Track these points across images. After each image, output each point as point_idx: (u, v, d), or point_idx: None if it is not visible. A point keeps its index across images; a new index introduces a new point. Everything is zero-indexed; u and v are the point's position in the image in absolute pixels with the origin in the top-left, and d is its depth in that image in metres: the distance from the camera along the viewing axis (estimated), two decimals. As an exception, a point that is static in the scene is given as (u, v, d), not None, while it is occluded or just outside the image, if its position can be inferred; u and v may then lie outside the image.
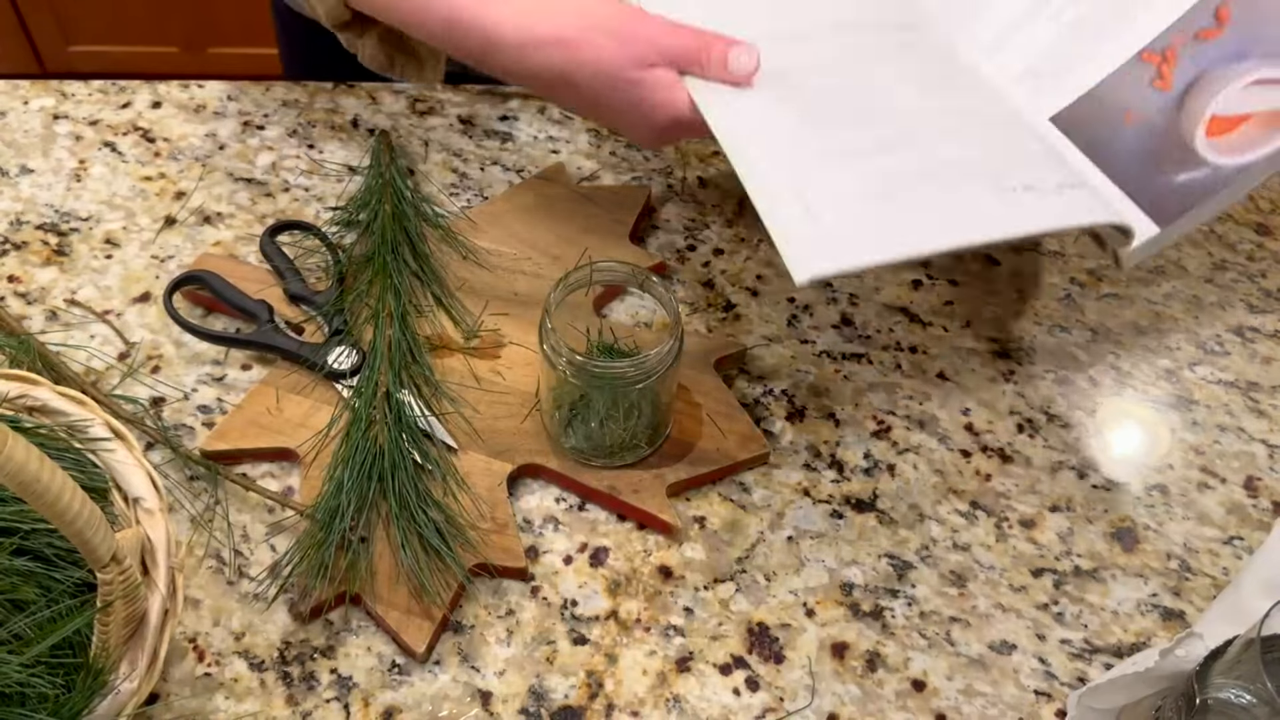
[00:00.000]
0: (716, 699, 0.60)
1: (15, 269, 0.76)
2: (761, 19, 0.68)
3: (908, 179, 0.60)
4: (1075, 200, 0.62)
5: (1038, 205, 0.61)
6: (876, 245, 0.57)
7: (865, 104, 0.64)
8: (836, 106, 0.64)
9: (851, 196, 0.59)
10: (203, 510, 0.65)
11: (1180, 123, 0.65)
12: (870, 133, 0.63)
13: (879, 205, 0.59)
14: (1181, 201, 0.64)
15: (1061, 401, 0.73)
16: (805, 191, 0.59)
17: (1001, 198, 0.61)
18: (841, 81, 0.66)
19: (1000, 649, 0.62)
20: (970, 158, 0.63)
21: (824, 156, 0.61)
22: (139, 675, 0.51)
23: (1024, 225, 0.61)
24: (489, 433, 0.67)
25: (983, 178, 0.61)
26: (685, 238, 0.80)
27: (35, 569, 0.52)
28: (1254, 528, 0.67)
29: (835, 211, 0.58)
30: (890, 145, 0.62)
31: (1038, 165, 0.63)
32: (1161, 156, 0.65)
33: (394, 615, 0.60)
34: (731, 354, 0.72)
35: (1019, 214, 0.60)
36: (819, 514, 0.67)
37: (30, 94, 0.87)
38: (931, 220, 0.59)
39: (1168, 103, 0.65)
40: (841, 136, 0.62)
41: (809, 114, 0.63)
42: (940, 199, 0.60)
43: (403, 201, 0.78)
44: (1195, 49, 0.65)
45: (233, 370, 0.71)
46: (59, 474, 0.43)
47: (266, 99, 0.88)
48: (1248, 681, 0.48)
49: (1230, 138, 0.64)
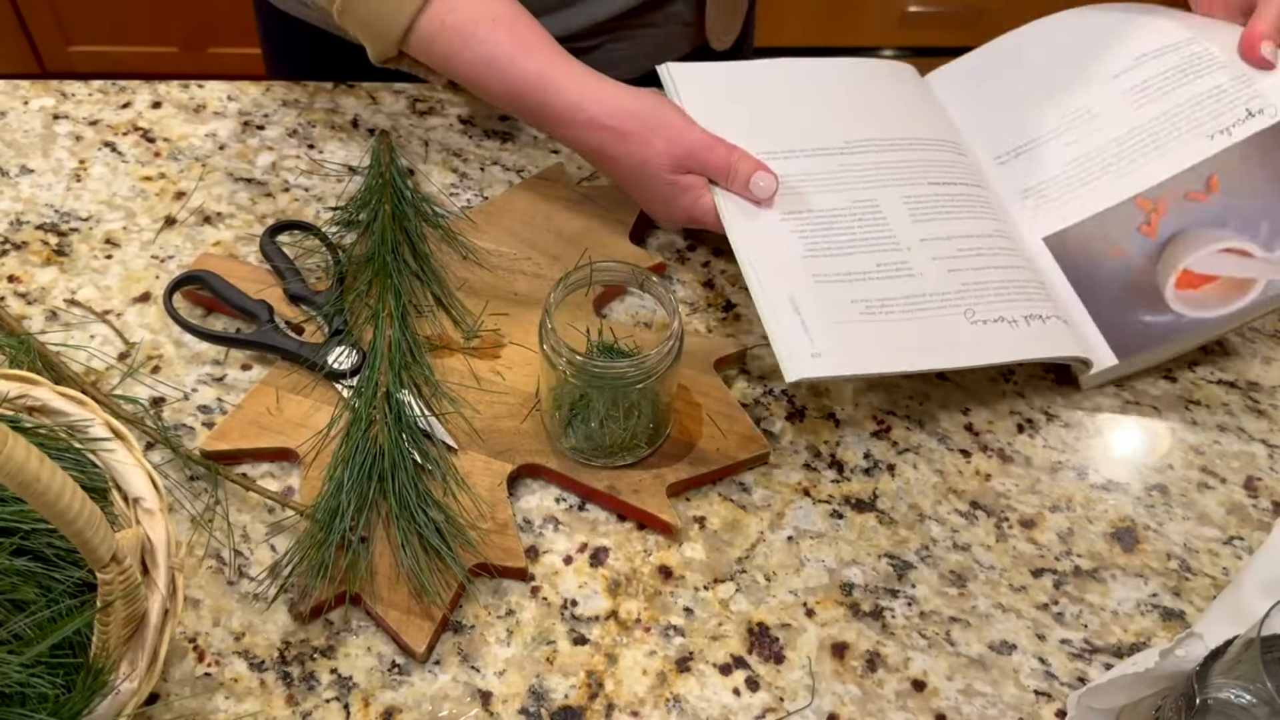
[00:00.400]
0: (716, 699, 0.60)
1: (15, 269, 0.76)
2: (788, 131, 0.76)
3: (892, 305, 0.69)
4: (1039, 334, 0.69)
5: (1005, 337, 0.69)
6: (856, 362, 0.66)
7: (866, 230, 0.72)
8: (840, 231, 0.72)
9: (838, 318, 0.68)
10: (203, 510, 0.65)
11: (1156, 269, 0.71)
12: (867, 259, 0.71)
13: (862, 328, 0.68)
14: (1143, 339, 0.71)
15: (1061, 401, 0.73)
16: (801, 307, 0.67)
17: (973, 329, 0.69)
18: (850, 203, 0.74)
19: (1000, 649, 0.62)
20: (949, 290, 0.70)
21: (821, 279, 0.69)
22: (139, 675, 0.51)
23: (990, 356, 0.68)
24: (489, 433, 0.67)
25: (959, 309, 0.69)
26: (685, 238, 0.80)
27: (35, 569, 0.52)
28: (1254, 528, 0.67)
29: (823, 329, 0.67)
30: (883, 270, 0.70)
31: (1011, 297, 0.70)
32: (1134, 295, 0.72)
33: (394, 615, 0.60)
34: (731, 354, 0.72)
35: (986, 346, 0.68)
36: (819, 514, 0.67)
37: (30, 94, 0.87)
38: (907, 345, 0.68)
39: (1150, 248, 0.72)
40: (839, 261, 0.70)
41: (812, 238, 0.71)
42: (918, 327, 0.68)
43: (403, 201, 0.77)
44: (1183, 207, 0.72)
45: (233, 370, 0.72)
46: (59, 474, 0.43)
47: (266, 99, 0.88)
48: (1248, 681, 0.48)
49: (1196, 293, 0.71)
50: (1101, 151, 0.76)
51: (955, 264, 0.71)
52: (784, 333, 0.66)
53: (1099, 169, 0.75)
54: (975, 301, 0.70)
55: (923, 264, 0.71)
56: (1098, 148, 0.76)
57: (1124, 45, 0.79)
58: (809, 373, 0.65)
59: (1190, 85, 0.75)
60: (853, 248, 0.71)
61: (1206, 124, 0.73)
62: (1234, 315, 0.70)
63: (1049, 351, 0.69)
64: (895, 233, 0.72)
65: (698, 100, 0.77)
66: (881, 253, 0.71)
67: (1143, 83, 0.77)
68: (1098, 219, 0.74)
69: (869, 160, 0.76)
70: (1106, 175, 0.75)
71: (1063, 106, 0.78)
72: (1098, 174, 0.75)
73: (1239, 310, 0.70)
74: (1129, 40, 0.79)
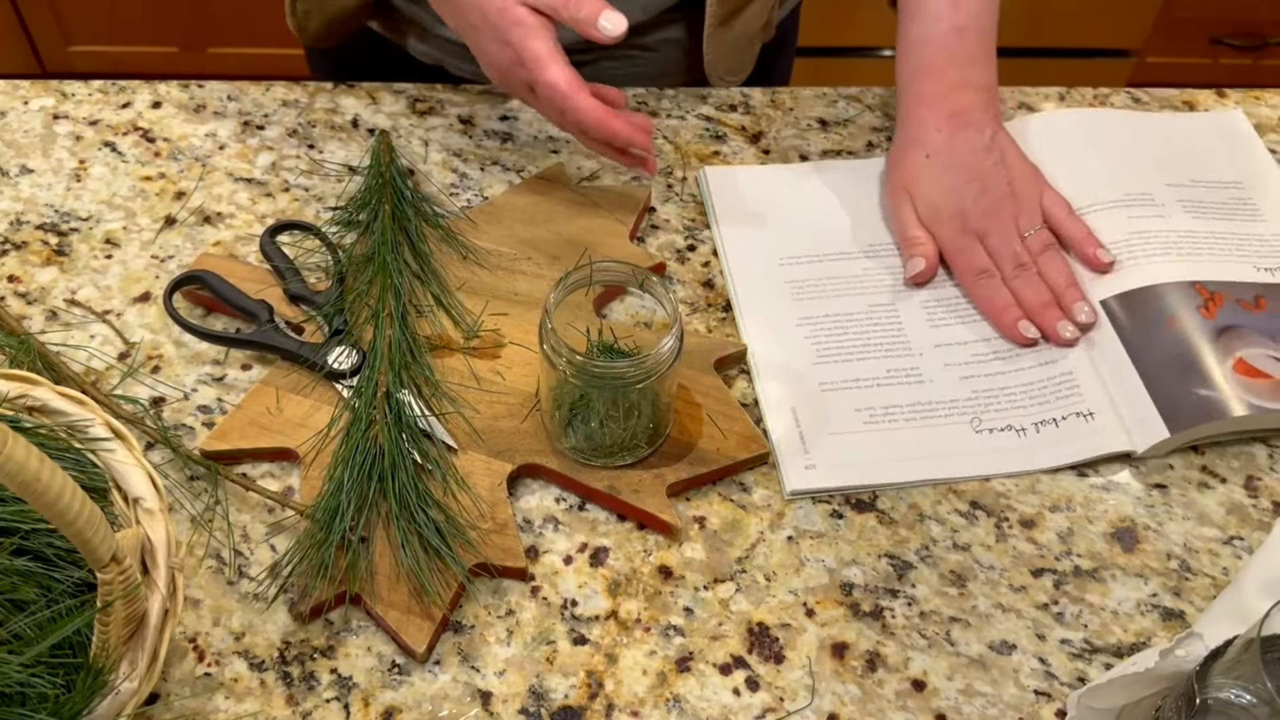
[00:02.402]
0: (716, 699, 0.60)
1: (15, 269, 0.76)
2: (814, 236, 0.80)
3: (896, 413, 0.70)
4: (1050, 440, 0.69)
5: (1010, 447, 0.69)
6: (850, 474, 0.67)
7: (880, 335, 0.74)
8: (853, 335, 0.74)
9: (838, 429, 0.69)
10: (203, 510, 0.65)
11: (1214, 349, 0.71)
12: (878, 364, 0.73)
13: (862, 439, 0.69)
14: (1196, 414, 0.69)
15: (1061, 401, 0.73)
16: (801, 418, 0.70)
17: (979, 440, 0.69)
18: (867, 307, 0.76)
19: (1000, 649, 0.62)
20: (959, 397, 0.71)
21: (827, 387, 0.71)
22: (139, 675, 0.51)
23: (994, 466, 0.68)
24: (489, 433, 0.67)
25: (966, 417, 0.70)
26: (685, 238, 0.80)
27: (35, 569, 0.52)
28: (1254, 528, 0.67)
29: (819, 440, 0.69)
30: (893, 376, 0.72)
31: (1022, 404, 0.71)
32: (1190, 368, 0.70)
33: (394, 615, 0.60)
34: (731, 354, 0.72)
35: (991, 455, 0.69)
36: (819, 514, 0.67)
37: (30, 94, 0.87)
38: (909, 454, 0.68)
39: (1208, 329, 0.72)
40: (848, 368, 0.72)
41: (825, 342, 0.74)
42: (921, 435, 0.69)
43: (403, 201, 0.78)
44: (1236, 309, 0.73)
45: (233, 370, 0.72)
46: (59, 474, 0.43)
47: (266, 99, 0.88)
48: (1248, 681, 0.48)
49: (1253, 382, 0.70)
50: (1164, 234, 0.78)
51: (967, 370, 0.72)
52: (782, 444, 0.69)
53: (1160, 248, 0.77)
54: (983, 409, 0.70)
55: (934, 370, 0.72)
56: (1160, 230, 0.78)
57: (1182, 162, 0.83)
58: (802, 484, 0.67)
59: (1239, 223, 0.79)
60: (865, 352, 0.73)
61: (1253, 258, 0.77)
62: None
63: (1054, 461, 0.68)
64: (910, 338, 0.74)
65: (726, 201, 0.81)
66: (893, 358, 0.73)
67: (1198, 201, 0.80)
68: (1160, 289, 0.74)
69: (891, 264, 0.78)
70: (1168, 257, 0.76)
71: (1123, 186, 0.81)
72: (1159, 252, 0.76)
73: None
74: (1186, 160, 0.83)
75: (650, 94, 0.89)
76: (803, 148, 0.86)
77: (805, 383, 0.72)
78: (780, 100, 0.89)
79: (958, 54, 0.78)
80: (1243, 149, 0.85)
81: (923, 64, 0.79)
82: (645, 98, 0.89)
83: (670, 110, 0.88)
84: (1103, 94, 0.91)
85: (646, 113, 0.88)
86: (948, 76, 0.78)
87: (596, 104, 0.70)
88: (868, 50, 1.93)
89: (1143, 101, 0.90)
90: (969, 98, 0.77)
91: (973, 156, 0.76)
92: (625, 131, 0.71)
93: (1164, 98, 0.91)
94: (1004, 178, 0.76)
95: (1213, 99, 0.91)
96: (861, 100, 0.90)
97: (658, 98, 0.89)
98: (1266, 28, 1.97)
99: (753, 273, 0.77)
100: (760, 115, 0.88)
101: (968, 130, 0.77)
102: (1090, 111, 0.87)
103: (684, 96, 0.89)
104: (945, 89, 0.78)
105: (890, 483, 0.67)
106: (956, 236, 0.76)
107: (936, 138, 0.77)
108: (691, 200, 0.82)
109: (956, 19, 0.78)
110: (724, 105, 0.89)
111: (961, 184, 0.76)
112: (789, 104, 0.89)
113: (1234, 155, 0.84)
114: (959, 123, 0.77)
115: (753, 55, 0.94)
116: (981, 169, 0.76)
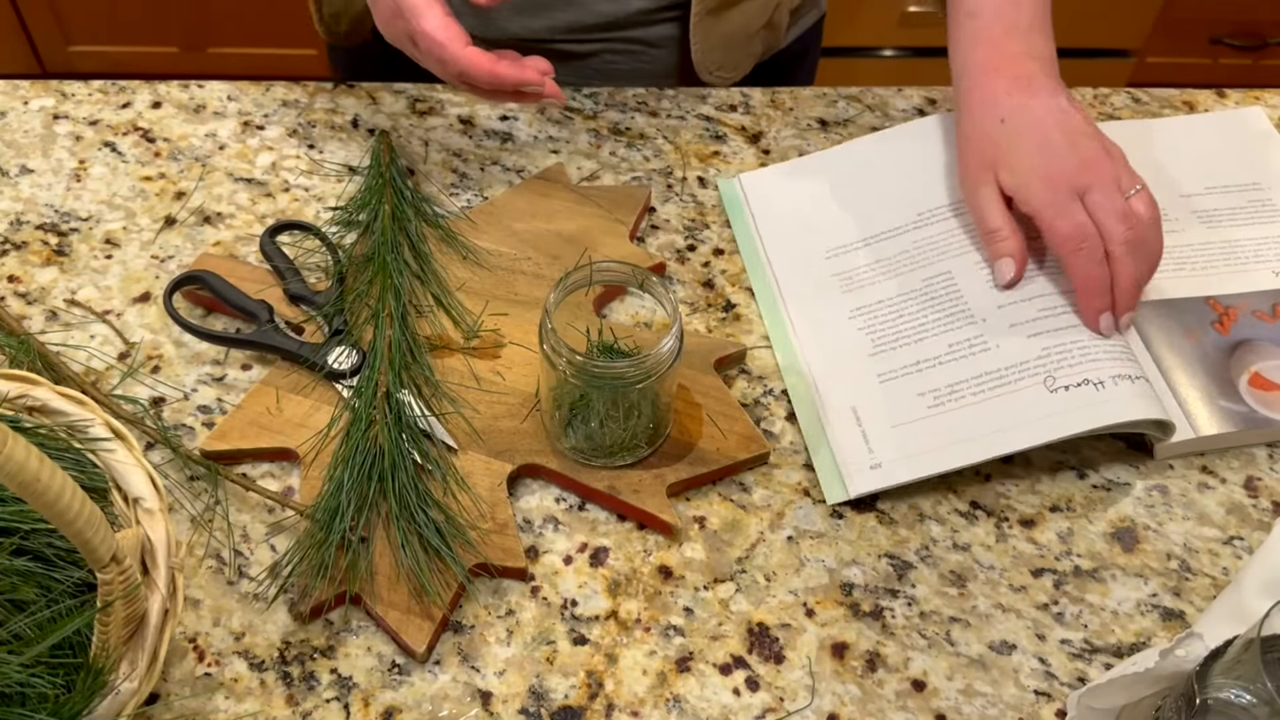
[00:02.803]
0: (716, 699, 0.60)
1: (15, 269, 0.76)
2: (855, 221, 0.77)
3: (963, 390, 0.67)
4: (1129, 395, 0.65)
5: (1090, 402, 0.65)
6: (919, 465, 0.65)
7: (939, 309, 0.71)
8: (910, 317, 0.71)
9: (902, 419, 0.67)
10: (203, 510, 0.65)
11: (1230, 363, 0.71)
12: (938, 341, 0.70)
13: (928, 424, 0.66)
14: (1220, 422, 0.69)
15: (1061, 401, 0.72)
16: (863, 416, 0.68)
17: (1054, 400, 0.65)
18: (921, 282, 0.73)
19: (1000, 649, 0.62)
20: (1029, 358, 0.67)
21: (886, 377, 0.69)
22: (139, 675, 0.51)
23: (1074, 426, 0.65)
24: (489, 433, 0.67)
25: (1038, 378, 0.66)
26: (685, 238, 0.80)
27: (35, 569, 0.52)
28: (1254, 528, 0.67)
29: (883, 434, 0.66)
30: (955, 351, 0.69)
31: (1097, 357, 0.67)
32: (1210, 379, 0.70)
33: (394, 615, 0.60)
34: (731, 354, 0.72)
35: (1070, 415, 0.65)
36: (819, 514, 0.67)
37: (30, 94, 0.87)
38: (980, 431, 0.65)
39: (1223, 343, 0.72)
40: (907, 352, 0.70)
41: (880, 331, 0.71)
42: (992, 408, 0.66)
43: (403, 201, 0.78)
44: (1252, 321, 0.73)
45: (233, 370, 0.72)
46: (59, 474, 0.43)
47: (266, 99, 0.88)
48: (1248, 681, 0.48)
49: (1269, 395, 0.70)
50: (1178, 249, 0.77)
51: (1036, 326, 0.69)
52: (843, 446, 0.66)
53: (1173, 264, 0.76)
54: (1056, 366, 0.67)
55: (999, 334, 0.69)
56: (1173, 246, 0.77)
57: (1195, 169, 0.82)
58: (869, 486, 0.65)
59: (1257, 227, 0.78)
60: (923, 332, 0.71)
61: (1271, 263, 0.76)
62: None
63: (1140, 413, 0.65)
64: (970, 304, 0.71)
65: (764, 207, 0.80)
66: (954, 331, 0.70)
67: (1212, 209, 0.80)
68: (1170, 305, 0.74)
69: (942, 229, 0.75)
70: (1181, 272, 0.76)
71: None
72: (1172, 268, 0.76)
73: None
74: (1199, 166, 0.82)
75: (650, 94, 0.89)
76: (802, 148, 0.86)
77: (864, 379, 0.69)
78: (780, 100, 0.89)
79: (1015, 24, 0.73)
80: (1260, 148, 0.84)
81: (979, 37, 0.74)
82: (645, 98, 0.89)
83: (670, 110, 0.88)
84: (1103, 94, 0.91)
85: (646, 113, 0.88)
86: (1006, 47, 0.73)
87: (476, 51, 0.68)
88: (868, 50, 1.93)
89: (1142, 101, 0.90)
90: (1034, 65, 0.72)
91: (1052, 116, 0.70)
92: (511, 73, 0.69)
93: (1164, 98, 0.91)
94: (1094, 136, 0.70)
95: (1213, 99, 0.91)
96: (861, 100, 0.90)
97: (658, 98, 0.89)
98: (1266, 28, 1.97)
99: (798, 274, 0.76)
100: (760, 115, 0.88)
101: (1040, 94, 0.71)
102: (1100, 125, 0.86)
103: (684, 96, 0.89)
104: (1007, 56, 0.73)
105: (965, 465, 0.65)
106: (1052, 196, 0.68)
107: (1008, 101, 0.71)
108: (691, 200, 0.82)
109: None
110: (724, 105, 0.89)
111: (1048, 139, 0.69)
112: (789, 104, 0.89)
113: (1252, 155, 0.83)
114: (1029, 87, 0.71)
115: (750, 56, 0.93)
116: (1068, 126, 0.70)
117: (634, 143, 0.85)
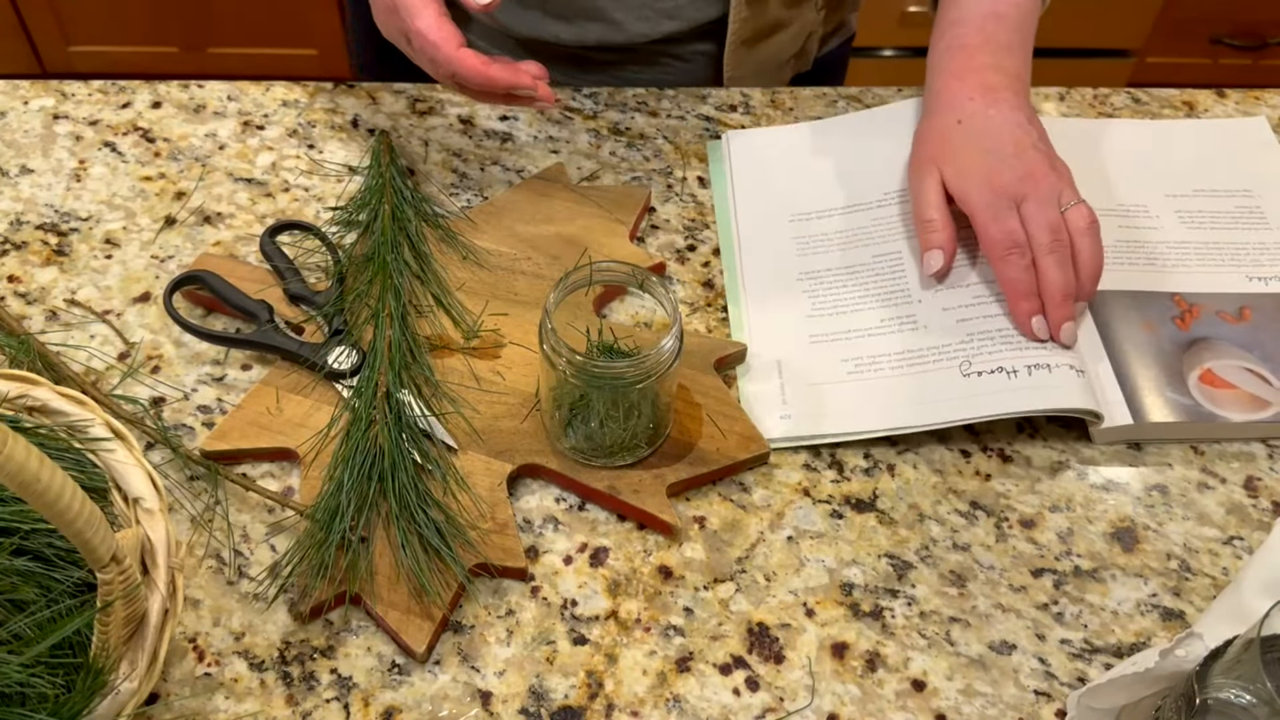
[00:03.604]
0: (716, 699, 0.60)
1: (15, 269, 0.76)
2: (826, 191, 0.80)
3: (883, 362, 0.70)
4: (1041, 384, 0.68)
5: (1000, 389, 0.68)
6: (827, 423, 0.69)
7: (881, 284, 0.74)
8: (854, 287, 0.75)
9: (819, 379, 0.70)
10: (203, 510, 0.65)
11: (1184, 357, 0.72)
12: (873, 314, 0.73)
13: (844, 389, 0.70)
14: (1164, 412, 0.70)
15: (1061, 401, 0.72)
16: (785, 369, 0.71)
17: (966, 383, 0.68)
18: (871, 257, 0.76)
19: (1000, 649, 0.62)
20: (951, 342, 0.70)
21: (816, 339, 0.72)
22: (139, 675, 0.51)
23: (981, 409, 0.67)
24: (489, 433, 0.67)
25: (955, 362, 0.70)
26: (685, 238, 0.80)
27: (35, 569, 0.52)
28: (1254, 528, 0.67)
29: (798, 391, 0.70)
30: (885, 325, 0.72)
31: (1020, 345, 0.70)
32: (1161, 370, 0.72)
33: (394, 615, 0.60)
34: (731, 354, 0.72)
35: (979, 399, 0.68)
36: (819, 514, 0.67)
37: (30, 94, 0.87)
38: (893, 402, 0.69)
39: (1180, 338, 0.73)
40: (841, 320, 0.73)
41: (822, 296, 0.75)
42: (908, 384, 0.69)
43: (403, 201, 0.78)
44: (1214, 320, 0.74)
45: (233, 370, 0.72)
46: (59, 474, 0.43)
47: (266, 99, 0.88)
48: (1248, 681, 0.48)
49: (1216, 392, 0.71)
50: (1152, 245, 0.78)
51: (966, 313, 0.72)
52: (760, 396, 0.70)
53: (1145, 259, 0.77)
54: (975, 353, 0.70)
55: (930, 315, 0.72)
56: (1149, 242, 0.78)
57: (1187, 172, 0.83)
58: (777, 433, 0.68)
59: (1239, 232, 0.79)
60: (861, 304, 0.74)
61: (1247, 268, 0.77)
62: (1247, 426, 0.70)
63: (1046, 403, 0.67)
64: (910, 284, 0.74)
65: (743, 165, 0.82)
66: (889, 307, 0.73)
67: (1196, 211, 0.81)
68: (1135, 297, 0.75)
69: (900, 211, 0.78)
70: (1151, 267, 0.77)
71: (1118, 196, 0.81)
72: (1143, 263, 0.77)
73: (1252, 423, 0.69)
74: (1192, 169, 0.83)
75: (650, 94, 0.89)
76: (803, 148, 0.86)
77: (796, 337, 0.72)
78: (780, 100, 0.89)
79: (993, 37, 0.76)
80: (1258, 157, 0.85)
81: (955, 43, 0.77)
82: (645, 98, 0.89)
83: (670, 110, 0.88)
84: (1103, 94, 0.91)
85: (646, 113, 0.88)
86: (979, 58, 0.76)
87: (469, 52, 0.69)
88: (868, 50, 1.93)
89: (1143, 101, 0.90)
90: (1000, 79, 0.75)
91: (1008, 128, 0.73)
92: (503, 75, 0.69)
93: (1164, 98, 0.91)
94: (1043, 152, 0.72)
95: (1213, 99, 0.91)
96: (861, 100, 0.90)
97: (658, 98, 0.89)
98: (1266, 28, 1.97)
99: (761, 231, 0.79)
100: (760, 115, 0.88)
101: (1001, 106, 0.73)
102: (1096, 122, 0.87)
103: (684, 96, 0.89)
104: (977, 66, 0.75)
105: (867, 430, 0.68)
106: (990, 199, 0.71)
107: (969, 106, 0.74)
108: (691, 200, 0.82)
109: (997, 5, 0.77)
110: (724, 105, 0.89)
111: (998, 146, 0.72)
112: (789, 104, 0.89)
113: (1248, 163, 0.84)
114: (992, 97, 0.74)
115: (782, 81, 0.95)
116: (1018, 138, 0.72)
117: (634, 143, 0.85)
